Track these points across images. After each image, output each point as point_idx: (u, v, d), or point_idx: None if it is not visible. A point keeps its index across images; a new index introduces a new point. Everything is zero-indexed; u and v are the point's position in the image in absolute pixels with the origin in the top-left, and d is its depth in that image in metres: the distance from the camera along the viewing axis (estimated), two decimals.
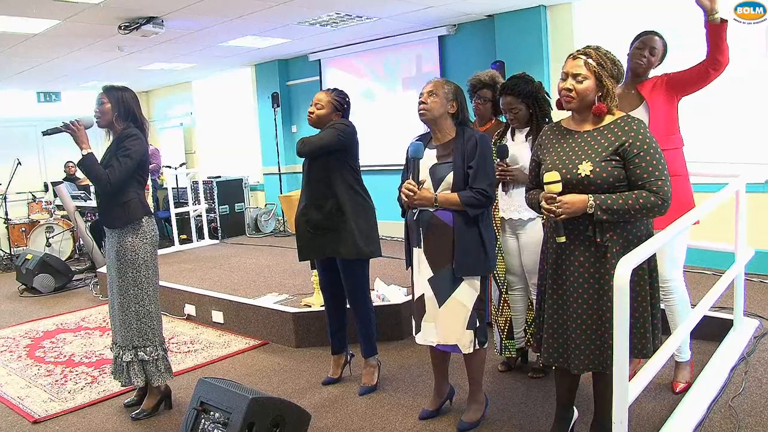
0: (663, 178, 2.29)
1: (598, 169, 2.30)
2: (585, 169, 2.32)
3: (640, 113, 2.98)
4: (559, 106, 2.48)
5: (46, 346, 4.76)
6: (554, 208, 2.31)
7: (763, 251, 4.50)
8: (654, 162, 2.29)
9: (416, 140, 2.92)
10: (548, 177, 2.34)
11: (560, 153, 2.43)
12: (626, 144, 2.30)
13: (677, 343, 2.68)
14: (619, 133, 2.33)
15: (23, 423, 3.39)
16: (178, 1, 5.39)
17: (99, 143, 3.35)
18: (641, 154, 2.29)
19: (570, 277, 2.41)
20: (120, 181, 3.14)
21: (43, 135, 3.27)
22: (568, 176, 2.34)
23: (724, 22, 2.79)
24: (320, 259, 3.53)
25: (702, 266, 4.99)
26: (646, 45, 3.05)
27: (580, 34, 6.15)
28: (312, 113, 3.45)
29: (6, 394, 3.80)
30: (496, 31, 6.65)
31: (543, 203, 2.36)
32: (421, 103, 2.88)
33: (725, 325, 3.66)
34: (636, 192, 2.28)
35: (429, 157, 2.88)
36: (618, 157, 2.31)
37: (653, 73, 3.10)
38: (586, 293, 2.37)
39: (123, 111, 3.22)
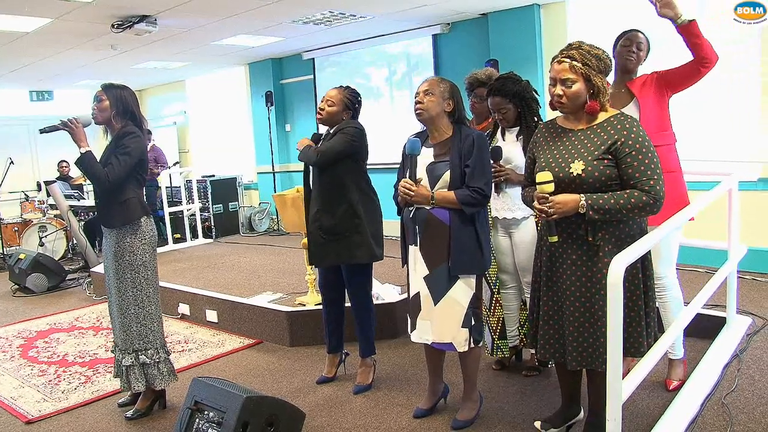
0: (655, 177, 2.28)
1: (590, 168, 2.31)
2: (577, 167, 2.32)
3: (630, 110, 2.98)
4: (552, 108, 2.48)
5: (40, 346, 4.74)
6: (546, 208, 2.31)
7: (756, 249, 4.53)
8: (646, 161, 2.28)
9: (413, 137, 2.91)
10: (541, 177, 2.34)
11: (554, 151, 2.43)
12: (618, 143, 2.30)
13: (670, 341, 2.69)
14: (612, 132, 2.33)
15: (16, 423, 3.38)
16: (171, 0, 5.38)
17: (97, 142, 3.33)
18: (633, 153, 2.28)
19: (563, 275, 2.42)
20: (119, 179, 3.10)
21: (41, 133, 3.23)
22: (561, 175, 2.35)
23: (692, 21, 2.83)
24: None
25: (695, 264, 5.01)
26: (633, 41, 3.06)
27: (573, 33, 6.16)
28: (323, 110, 3.40)
29: None
30: (490, 29, 6.67)
31: (535, 203, 2.37)
32: (417, 102, 2.87)
33: (718, 323, 3.68)
34: (628, 191, 2.28)
35: (426, 156, 2.88)
36: (610, 156, 2.31)
37: (642, 70, 3.11)
38: (579, 291, 2.38)
39: (121, 109, 3.19)
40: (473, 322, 2.85)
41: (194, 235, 8.60)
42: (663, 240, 2.97)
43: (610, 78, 3.11)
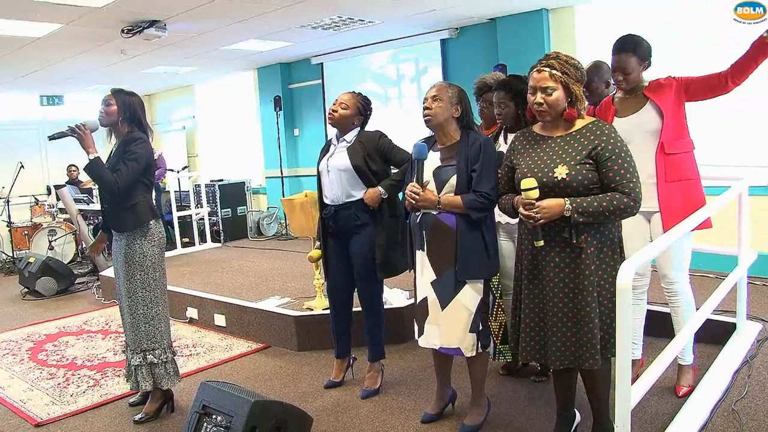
0: (634, 180, 2.37)
1: (573, 172, 2.37)
2: (561, 172, 2.39)
3: (648, 111, 2.95)
4: (531, 117, 2.55)
5: (49, 350, 4.76)
6: (533, 214, 2.37)
7: (766, 254, 4.49)
8: (625, 165, 2.37)
9: (420, 142, 2.92)
10: (526, 183, 2.41)
11: (535, 158, 2.50)
12: (598, 148, 2.38)
13: (680, 346, 2.68)
14: (591, 137, 2.41)
15: (25, 426, 3.39)
16: (181, 5, 5.41)
17: (102, 144, 3.35)
18: (613, 157, 2.37)
19: (546, 277, 2.47)
20: (127, 185, 3.16)
21: (49, 139, 3.27)
22: (544, 180, 2.42)
23: None
24: (339, 263, 3.49)
25: (705, 269, 4.98)
26: (617, 69, 2.98)
27: (581, 38, 6.16)
28: (335, 112, 3.42)
29: (8, 397, 3.80)
30: (498, 34, 6.67)
31: (521, 209, 2.44)
32: (425, 108, 2.87)
33: (728, 329, 3.65)
34: (609, 194, 2.35)
35: (433, 160, 2.88)
36: (591, 161, 2.39)
37: (651, 75, 3.04)
38: (562, 292, 2.44)
39: (129, 115, 3.25)
40: (481, 327, 2.84)
41: (203, 240, 8.63)
42: (675, 244, 2.96)
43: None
